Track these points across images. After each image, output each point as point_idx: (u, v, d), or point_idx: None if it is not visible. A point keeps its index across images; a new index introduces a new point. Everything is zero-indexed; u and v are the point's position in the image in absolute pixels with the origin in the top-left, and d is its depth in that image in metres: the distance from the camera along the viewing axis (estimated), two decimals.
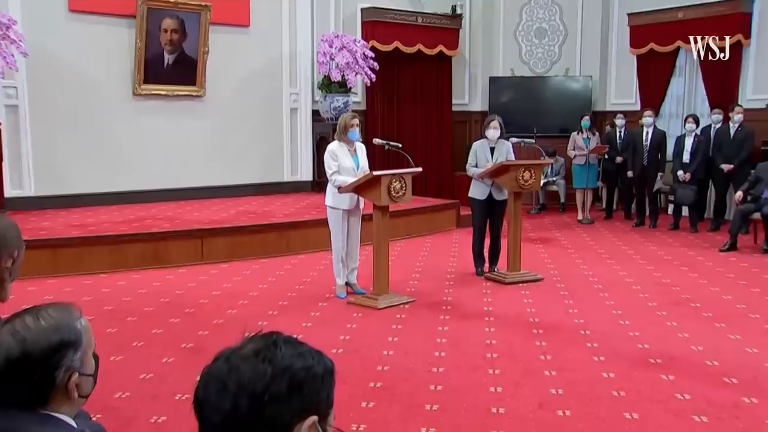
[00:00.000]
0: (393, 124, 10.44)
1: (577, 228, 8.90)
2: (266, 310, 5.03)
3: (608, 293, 5.51)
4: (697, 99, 9.79)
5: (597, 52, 10.85)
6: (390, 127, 10.37)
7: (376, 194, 5.01)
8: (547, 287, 5.74)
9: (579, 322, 4.72)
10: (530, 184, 5.88)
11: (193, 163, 8.79)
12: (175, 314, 4.89)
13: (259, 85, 9.22)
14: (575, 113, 9.86)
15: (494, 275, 6.04)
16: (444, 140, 10.94)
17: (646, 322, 4.74)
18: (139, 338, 4.35)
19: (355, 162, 5.30)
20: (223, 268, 6.40)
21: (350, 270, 5.50)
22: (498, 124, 5.97)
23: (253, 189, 9.26)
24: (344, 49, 8.93)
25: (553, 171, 10.26)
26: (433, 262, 6.73)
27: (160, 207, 8.06)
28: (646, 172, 8.79)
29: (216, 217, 7.37)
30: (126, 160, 8.31)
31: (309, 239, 7.09)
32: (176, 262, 6.43)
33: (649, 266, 6.52)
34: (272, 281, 5.94)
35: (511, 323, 4.72)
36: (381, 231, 5.17)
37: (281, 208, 8.17)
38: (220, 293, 5.50)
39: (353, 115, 5.36)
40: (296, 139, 9.61)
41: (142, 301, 5.25)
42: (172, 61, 8.51)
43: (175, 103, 8.65)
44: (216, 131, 8.95)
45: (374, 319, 4.82)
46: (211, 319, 4.76)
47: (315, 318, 4.85)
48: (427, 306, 5.15)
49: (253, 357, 1.04)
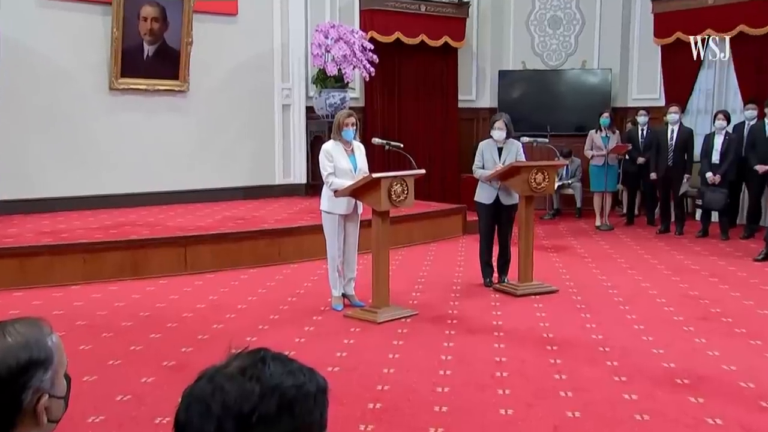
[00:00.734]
0: (394, 122, 10.46)
1: (594, 235, 8.90)
2: (255, 324, 5.03)
3: (629, 306, 5.50)
4: (729, 93, 9.79)
5: (617, 43, 10.86)
6: (390, 125, 10.39)
7: (376, 198, 5.02)
8: (562, 299, 5.73)
9: (597, 338, 4.72)
10: (543, 187, 5.88)
11: (175, 164, 8.80)
12: (156, 329, 4.88)
13: (247, 80, 9.24)
14: (593, 110, 9.88)
15: (504, 286, 6.04)
16: (449, 139, 10.96)
17: (672, 338, 4.73)
18: (116, 356, 4.34)
19: (353, 163, 5.30)
20: (208, 279, 6.40)
21: (347, 280, 5.50)
22: (504, 124, 5.97)
23: (242, 192, 9.27)
24: (341, 40, 8.96)
25: (568, 173, 10.27)
26: (438, 272, 6.72)
27: (139, 212, 8.05)
28: (671, 174, 8.79)
29: (201, 223, 7.37)
30: (102, 160, 8.32)
31: (302, 247, 7.09)
32: (157, 272, 6.42)
33: (675, 277, 6.51)
34: (262, 293, 5.94)
35: (522, 339, 4.71)
36: (381, 238, 5.16)
37: (272, 213, 8.17)
38: (205, 306, 5.50)
39: (349, 113, 5.37)
40: (289, 139, 9.62)
41: (120, 315, 5.24)
42: (152, 53, 8.52)
43: (156, 98, 8.66)
44: (201, 129, 8.96)
45: (373, 334, 4.82)
46: (195, 335, 4.76)
47: (309, 333, 4.85)
48: (431, 320, 5.15)
49: (239, 375, 1.04)
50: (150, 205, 8.48)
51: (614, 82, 10.81)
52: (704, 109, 10.05)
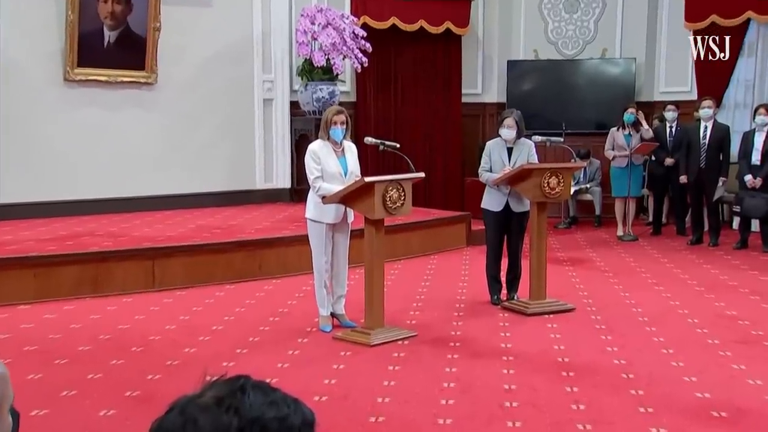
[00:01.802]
0: (389, 119, 10.48)
1: (616, 246, 8.92)
2: (233, 347, 5.03)
3: (656, 327, 5.51)
4: None
5: (643, 28, 10.89)
6: (386, 122, 10.40)
7: (369, 205, 5.02)
8: (579, 319, 5.74)
9: (620, 363, 4.72)
10: (558, 192, 5.89)
11: (141, 167, 8.79)
12: (118, 354, 4.87)
13: (224, 71, 9.25)
14: (615, 105, 9.90)
15: (513, 304, 6.04)
16: (452, 139, 10.99)
17: (706, 364, 4.73)
18: (71, 386, 4.31)
19: (343, 165, 5.31)
20: (179, 297, 6.39)
21: (337, 298, 5.50)
22: (514, 122, 5.99)
23: (218, 199, 9.27)
24: (329, 26, 8.98)
25: (586, 176, 10.30)
26: (439, 289, 6.73)
27: (100, 221, 8.04)
28: (704, 177, 8.80)
29: (171, 234, 7.37)
30: (56, 162, 8.31)
31: (286, 260, 7.09)
32: (120, 289, 6.41)
33: (709, 294, 6.52)
34: (240, 312, 5.94)
35: (534, 364, 4.72)
36: (374, 250, 5.17)
37: (252, 221, 8.18)
38: (176, 327, 5.49)
39: (338, 110, 5.38)
40: (270, 138, 9.64)
41: (76, 338, 5.22)
42: (113, 40, 8.53)
43: (119, 91, 8.66)
44: (170, 127, 8.97)
45: (366, 359, 4.82)
46: (163, 360, 4.75)
47: (293, 357, 4.85)
48: (432, 342, 5.15)
49: (214, 406, 1.04)
50: (112, 212, 8.45)
51: (639, 73, 10.85)
52: (743, 102, 10.06)
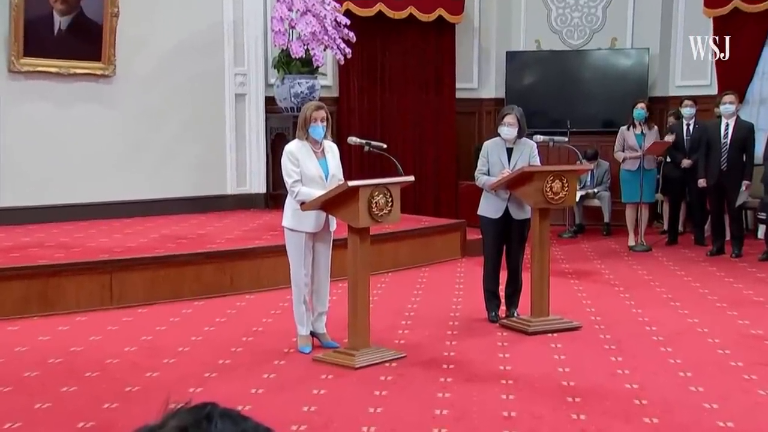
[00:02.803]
0: (375, 117, 10.49)
1: (627, 257, 8.95)
2: (200, 371, 5.00)
3: (672, 348, 5.52)
4: None
5: (657, 16, 10.93)
6: (371, 120, 10.41)
7: (353, 212, 5.02)
8: (587, 339, 5.74)
9: (631, 388, 4.72)
10: (562, 197, 5.91)
11: (98, 170, 8.76)
12: (71, 381, 4.83)
13: (191, 63, 9.24)
14: (625, 100, 9.92)
15: (513, 322, 6.05)
16: (444, 138, 11.00)
17: (728, 389, 4.73)
18: (16, 417, 4.27)
19: (324, 168, 5.31)
20: (140, 315, 6.36)
21: (317, 315, 5.50)
22: (515, 119, 6.01)
23: (184, 205, 9.24)
24: (309, 13, 8.99)
25: (593, 180, 10.34)
26: (431, 304, 6.73)
27: (50, 230, 8.00)
28: (725, 181, 8.82)
29: (131, 244, 7.34)
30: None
31: (261, 274, 7.09)
32: (73, 306, 6.37)
33: (732, 311, 6.53)
34: (210, 331, 5.91)
35: (536, 388, 4.72)
36: (359, 262, 5.17)
37: (223, 230, 8.16)
38: (136, 349, 5.46)
39: (318, 105, 5.39)
40: (243, 137, 9.63)
41: (21, 363, 5.17)
42: (65, 26, 8.50)
43: (72, 84, 8.63)
44: (131, 125, 8.94)
45: (350, 383, 4.81)
46: (121, 387, 4.71)
47: (268, 382, 4.83)
48: (422, 364, 5.14)
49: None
50: (64, 220, 8.41)
51: (652, 65, 10.89)
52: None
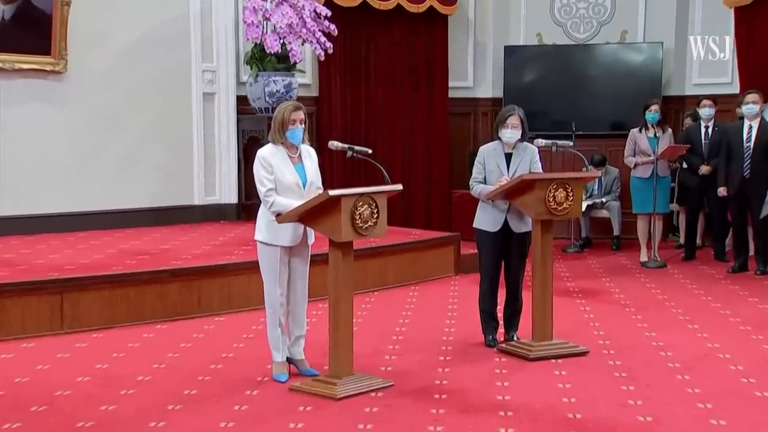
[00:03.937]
0: (359, 119, 10.50)
1: (639, 274, 8.96)
2: (163, 403, 4.96)
3: (690, 375, 5.52)
4: None
5: (672, 6, 10.98)
6: (355, 123, 10.42)
7: (334, 224, 5.01)
8: (594, 365, 5.74)
9: (645, 421, 4.72)
10: (566, 208, 5.91)
11: (48, 178, 8.73)
12: (14, 416, 4.78)
13: (154, 58, 9.24)
14: (637, 100, 9.95)
15: (513, 346, 6.04)
16: (436, 142, 11.02)
17: (754, 422, 4.72)
18: None
19: (301, 174, 5.30)
20: (96, 340, 6.33)
21: (294, 339, 5.48)
22: (518, 120, 6.02)
23: (146, 217, 9.24)
24: (285, 3, 9.00)
25: (601, 188, 10.37)
26: (421, 327, 6.72)
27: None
28: (748, 189, 8.84)
29: (85, 261, 7.32)
30: None
31: (232, 293, 7.09)
32: (18, 332, 6.32)
33: (756, 334, 6.53)
34: (174, 358, 5.89)
35: (538, 421, 4.70)
36: (341, 280, 5.16)
37: (189, 245, 8.16)
38: (91, 379, 5.42)
39: (296, 106, 5.37)
40: (212, 141, 9.64)
41: None
42: (9, 16, 8.48)
43: (18, 81, 8.60)
44: (86, 127, 8.91)
45: (331, 415, 4.79)
46: (73, 422, 4.67)
47: (240, 414, 4.81)
48: (412, 394, 5.13)
49: None
50: (9, 234, 8.38)
51: (666, 62, 10.93)
52: None
